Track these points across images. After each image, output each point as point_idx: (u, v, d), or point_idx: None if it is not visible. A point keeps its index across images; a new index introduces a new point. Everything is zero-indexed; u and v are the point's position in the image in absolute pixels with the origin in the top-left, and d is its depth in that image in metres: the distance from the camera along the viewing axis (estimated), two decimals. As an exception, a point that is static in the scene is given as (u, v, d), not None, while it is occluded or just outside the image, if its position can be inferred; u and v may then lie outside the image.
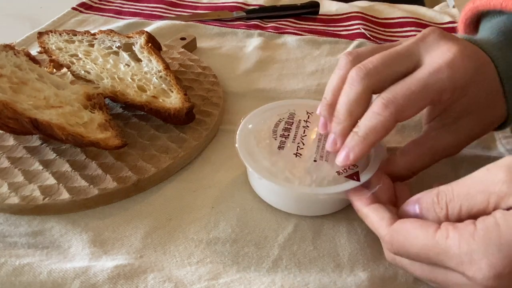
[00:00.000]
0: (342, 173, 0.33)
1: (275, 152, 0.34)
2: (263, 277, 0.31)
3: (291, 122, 0.37)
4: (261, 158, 0.34)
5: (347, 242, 0.33)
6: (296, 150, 0.35)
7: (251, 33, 0.64)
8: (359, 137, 0.31)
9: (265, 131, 0.36)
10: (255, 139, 0.36)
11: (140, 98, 0.43)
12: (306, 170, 0.33)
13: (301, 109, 0.39)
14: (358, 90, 0.31)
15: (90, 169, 0.38)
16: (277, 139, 0.35)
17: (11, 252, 0.32)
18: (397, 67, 0.31)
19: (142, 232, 0.34)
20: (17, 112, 0.36)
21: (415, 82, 0.30)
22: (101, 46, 0.49)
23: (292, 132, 0.36)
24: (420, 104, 0.30)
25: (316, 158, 0.34)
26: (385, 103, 0.30)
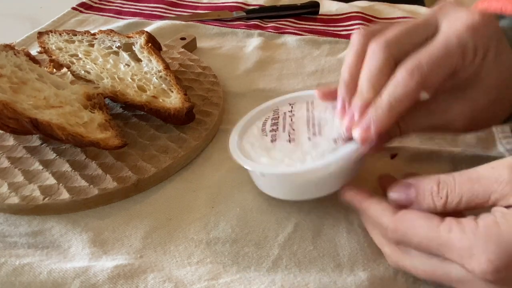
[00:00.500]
0: (338, 140, 0.32)
1: (269, 147, 0.34)
2: (263, 277, 0.31)
3: (277, 117, 0.37)
4: (258, 157, 0.34)
5: (347, 242, 0.33)
6: (288, 137, 0.34)
7: (251, 33, 0.64)
8: (382, 109, 0.29)
9: (255, 134, 0.36)
10: (247, 144, 0.35)
11: (140, 98, 0.43)
12: (304, 151, 0.32)
13: (283, 104, 0.39)
14: (380, 60, 0.30)
15: (90, 169, 0.38)
16: (267, 135, 0.35)
17: (11, 252, 0.32)
18: (417, 37, 0.30)
19: (142, 232, 0.34)
20: (17, 112, 0.36)
21: (438, 46, 0.29)
22: (101, 46, 0.49)
23: (280, 125, 0.36)
24: (445, 70, 0.29)
25: (309, 136, 0.33)
26: (409, 71, 0.28)
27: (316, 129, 0.34)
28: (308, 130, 0.34)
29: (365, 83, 0.30)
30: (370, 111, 0.30)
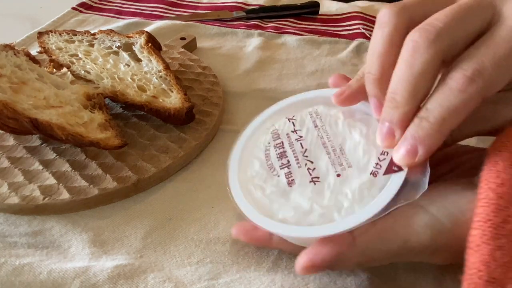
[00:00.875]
0: (377, 172, 0.25)
1: (287, 191, 0.27)
2: (263, 277, 0.31)
3: (280, 144, 0.29)
4: (278, 210, 0.26)
5: (347, 242, 0.33)
6: (309, 175, 0.27)
7: (251, 33, 0.64)
8: (431, 124, 0.23)
9: (260, 172, 0.28)
10: (256, 190, 0.28)
11: (140, 98, 0.43)
12: (335, 192, 0.26)
13: (280, 121, 0.31)
14: (426, 59, 0.23)
15: (90, 169, 0.38)
16: (280, 175, 0.27)
17: (11, 252, 0.32)
18: (471, 26, 0.23)
19: (142, 232, 0.34)
20: (17, 112, 0.36)
21: (503, 44, 0.22)
22: (101, 46, 0.49)
23: (290, 156, 0.28)
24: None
25: (337, 171, 0.26)
26: (470, 76, 0.22)
27: (340, 157, 0.27)
28: (330, 159, 0.27)
29: (403, 88, 0.24)
30: (413, 129, 0.23)
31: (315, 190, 0.26)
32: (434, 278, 0.30)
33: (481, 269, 0.21)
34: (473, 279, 0.21)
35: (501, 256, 0.21)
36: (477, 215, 0.22)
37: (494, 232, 0.21)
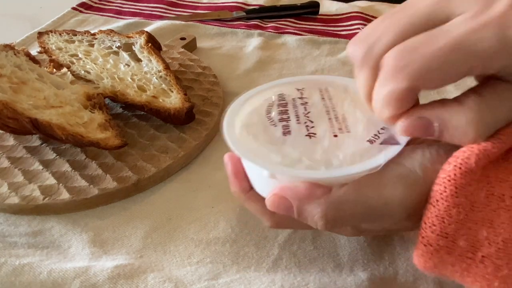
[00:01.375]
0: (375, 140, 0.26)
1: (281, 141, 0.27)
2: (263, 277, 0.31)
3: (285, 103, 0.30)
4: (266, 152, 0.26)
5: (347, 242, 0.33)
6: (306, 130, 0.27)
7: (251, 33, 0.64)
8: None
9: (257, 120, 0.29)
10: (248, 134, 0.28)
11: (140, 98, 0.43)
12: (327, 150, 0.26)
13: (288, 88, 0.31)
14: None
15: (90, 169, 0.38)
16: (277, 126, 0.28)
17: (11, 252, 0.32)
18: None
19: (142, 232, 0.34)
20: (17, 112, 0.36)
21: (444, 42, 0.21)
22: (101, 46, 0.49)
23: (291, 113, 0.29)
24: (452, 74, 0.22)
25: (335, 132, 0.27)
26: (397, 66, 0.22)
27: (342, 124, 0.28)
28: (330, 124, 0.28)
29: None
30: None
31: (308, 145, 0.27)
32: (434, 278, 0.30)
33: (435, 223, 0.23)
34: (427, 233, 0.23)
35: (456, 214, 0.22)
36: (444, 171, 0.23)
37: (455, 191, 0.22)
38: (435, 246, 0.23)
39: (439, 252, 0.23)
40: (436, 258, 0.23)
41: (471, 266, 0.23)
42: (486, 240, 0.22)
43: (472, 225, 0.22)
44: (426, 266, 0.24)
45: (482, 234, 0.22)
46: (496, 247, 0.22)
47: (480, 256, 0.22)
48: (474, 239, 0.22)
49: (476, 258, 0.23)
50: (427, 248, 0.23)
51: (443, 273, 0.24)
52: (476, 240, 0.22)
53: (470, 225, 0.22)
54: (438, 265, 0.24)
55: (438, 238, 0.23)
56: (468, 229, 0.22)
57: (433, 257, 0.23)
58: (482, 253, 0.22)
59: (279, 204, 0.26)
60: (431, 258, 0.23)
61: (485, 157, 0.23)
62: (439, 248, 0.23)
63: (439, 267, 0.24)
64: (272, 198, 0.26)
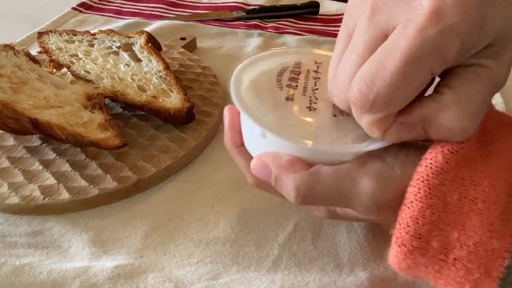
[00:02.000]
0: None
1: (281, 104, 0.27)
2: (263, 277, 0.31)
3: (298, 72, 0.30)
4: (264, 111, 0.27)
5: (347, 242, 0.33)
6: (309, 103, 0.27)
7: (251, 33, 0.64)
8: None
9: (266, 80, 0.29)
10: (253, 91, 0.28)
11: (140, 98, 0.43)
12: (323, 128, 0.26)
13: (307, 58, 0.31)
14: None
15: (90, 169, 0.38)
16: (283, 89, 0.28)
17: (11, 252, 0.32)
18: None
19: (142, 232, 0.34)
20: (17, 112, 0.36)
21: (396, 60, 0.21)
22: (101, 46, 0.49)
23: (300, 83, 0.29)
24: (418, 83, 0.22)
25: (335, 113, 0.27)
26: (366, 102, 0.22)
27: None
28: (334, 106, 0.27)
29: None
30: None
31: (306, 115, 0.27)
32: (434, 278, 0.30)
33: (410, 224, 0.23)
34: (401, 233, 0.23)
35: (430, 215, 0.23)
36: (417, 173, 0.23)
37: (428, 192, 0.23)
38: (408, 247, 0.23)
39: (413, 253, 0.23)
40: (410, 260, 0.24)
41: (443, 268, 0.23)
42: (458, 242, 0.22)
43: (445, 226, 0.23)
44: (401, 267, 0.25)
45: (453, 236, 0.23)
46: (467, 250, 0.22)
47: (452, 259, 0.23)
48: (446, 240, 0.23)
49: (448, 260, 0.23)
50: (401, 249, 0.23)
51: (417, 275, 0.25)
52: (448, 242, 0.23)
53: (442, 226, 0.23)
54: (412, 267, 0.24)
55: (412, 239, 0.23)
56: (441, 230, 0.23)
57: (407, 258, 0.24)
58: (454, 255, 0.23)
59: (260, 169, 0.27)
60: (405, 259, 0.24)
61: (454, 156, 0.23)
62: (413, 249, 0.23)
63: (413, 268, 0.24)
64: (255, 162, 0.27)
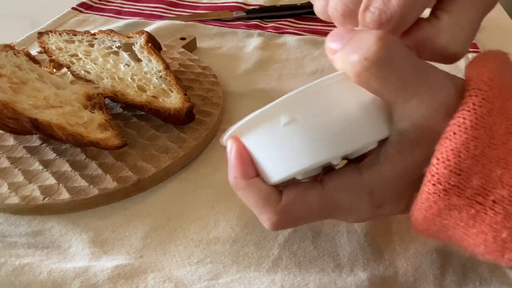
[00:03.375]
0: None
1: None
2: (263, 277, 0.31)
3: None
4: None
5: (347, 242, 0.33)
6: None
7: (251, 33, 0.64)
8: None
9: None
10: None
11: (140, 98, 0.43)
12: None
13: None
14: None
15: (90, 169, 0.38)
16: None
17: (11, 252, 0.32)
18: None
19: (142, 232, 0.34)
20: (17, 112, 0.36)
21: None
22: (101, 46, 0.49)
23: None
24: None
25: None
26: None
27: None
28: None
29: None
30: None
31: None
32: (434, 278, 0.30)
33: (450, 158, 0.21)
34: (439, 169, 0.21)
35: (473, 148, 0.21)
36: (462, 103, 0.22)
37: (475, 121, 0.21)
38: (445, 185, 0.21)
39: (449, 192, 0.21)
40: (443, 202, 0.21)
41: (479, 212, 0.21)
42: (500, 182, 0.21)
43: (487, 162, 0.21)
44: (429, 214, 0.22)
45: (496, 174, 0.21)
46: (509, 191, 0.20)
47: (491, 201, 0.21)
48: (487, 179, 0.21)
49: (487, 203, 0.21)
50: (435, 188, 0.21)
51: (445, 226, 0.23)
52: (489, 181, 0.21)
53: (485, 162, 0.21)
54: (443, 212, 0.22)
55: (451, 175, 0.21)
56: (483, 167, 0.21)
57: (440, 199, 0.21)
58: (494, 197, 0.21)
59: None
60: (437, 201, 0.22)
61: (496, 83, 0.22)
62: (449, 187, 0.21)
63: (443, 215, 0.22)
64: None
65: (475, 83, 0.22)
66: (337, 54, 0.25)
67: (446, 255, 0.32)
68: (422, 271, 0.31)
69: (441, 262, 0.31)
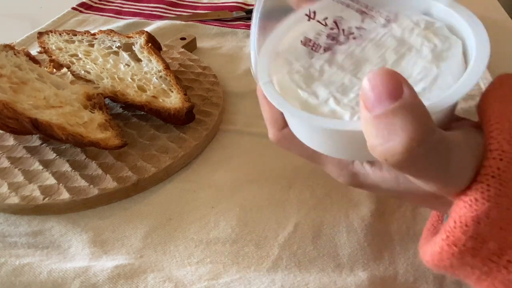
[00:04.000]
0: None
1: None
2: (263, 277, 0.31)
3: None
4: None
5: (347, 242, 0.33)
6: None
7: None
8: None
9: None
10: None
11: (140, 98, 0.43)
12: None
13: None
14: None
15: (90, 169, 0.38)
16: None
17: (11, 252, 0.32)
18: None
19: (142, 232, 0.34)
20: (17, 112, 0.36)
21: None
22: (101, 46, 0.49)
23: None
24: None
25: None
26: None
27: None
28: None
29: None
30: None
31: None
32: (434, 278, 0.30)
33: (469, 224, 0.20)
34: (456, 233, 0.20)
35: (494, 215, 0.20)
36: (485, 167, 0.20)
37: (499, 188, 0.20)
38: (460, 247, 0.21)
39: (463, 253, 0.21)
40: (457, 260, 0.21)
41: (492, 270, 0.21)
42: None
43: (505, 225, 0.20)
44: (440, 265, 0.22)
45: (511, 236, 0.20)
46: None
47: (505, 260, 0.20)
48: (503, 240, 0.20)
49: (501, 263, 0.21)
50: (450, 249, 0.21)
51: (456, 274, 0.22)
52: (505, 242, 0.20)
53: (503, 225, 0.20)
54: (456, 266, 0.22)
55: (468, 239, 0.20)
56: (500, 230, 0.20)
57: (453, 258, 0.21)
58: (508, 256, 0.20)
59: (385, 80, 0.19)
60: (450, 259, 0.21)
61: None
62: (465, 250, 0.21)
63: (456, 268, 0.22)
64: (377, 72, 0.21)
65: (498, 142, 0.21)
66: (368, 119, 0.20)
67: (446, 255, 0.32)
68: (422, 271, 0.31)
69: (441, 262, 0.31)
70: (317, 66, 0.24)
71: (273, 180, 0.38)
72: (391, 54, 0.24)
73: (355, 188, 0.27)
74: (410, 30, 0.25)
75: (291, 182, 0.38)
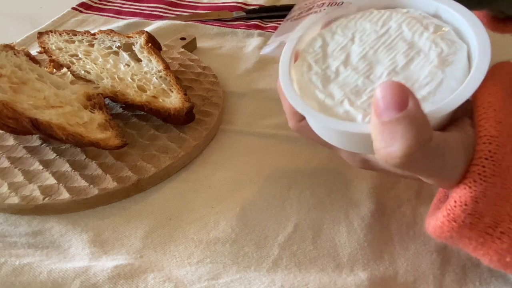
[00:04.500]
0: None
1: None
2: (263, 277, 0.31)
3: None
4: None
5: (347, 242, 0.33)
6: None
7: (251, 33, 0.64)
8: None
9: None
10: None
11: (140, 98, 0.43)
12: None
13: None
14: None
15: (90, 169, 0.38)
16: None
17: (11, 252, 0.32)
18: None
19: (142, 232, 0.34)
20: (17, 112, 0.36)
21: None
22: (101, 46, 0.49)
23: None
24: None
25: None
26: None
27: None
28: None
29: None
30: None
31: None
32: (434, 278, 0.30)
33: (468, 203, 0.22)
34: (456, 211, 0.23)
35: (490, 193, 0.22)
36: (478, 152, 0.22)
37: (493, 169, 0.22)
38: (460, 223, 0.23)
39: (462, 228, 0.23)
40: (456, 233, 0.24)
41: (487, 241, 0.23)
42: (508, 216, 0.23)
43: (499, 201, 0.22)
44: (441, 237, 0.24)
45: (505, 210, 0.22)
46: None
47: (499, 232, 0.23)
48: (497, 214, 0.23)
49: (495, 234, 0.23)
50: (450, 224, 0.23)
51: (455, 243, 0.25)
52: (499, 216, 0.23)
53: (498, 202, 0.22)
54: (455, 238, 0.24)
55: (467, 216, 0.23)
56: (494, 206, 0.22)
57: (453, 231, 0.23)
58: (502, 228, 0.23)
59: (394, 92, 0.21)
60: (450, 232, 0.24)
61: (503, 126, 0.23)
62: (463, 225, 0.23)
63: (454, 238, 0.24)
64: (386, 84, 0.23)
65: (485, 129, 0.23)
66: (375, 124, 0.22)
67: (446, 255, 0.32)
68: (422, 271, 0.31)
69: (441, 262, 0.31)
70: (333, 67, 0.26)
71: (273, 180, 0.38)
72: (401, 57, 0.25)
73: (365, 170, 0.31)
74: (420, 33, 0.26)
75: (291, 182, 0.38)
